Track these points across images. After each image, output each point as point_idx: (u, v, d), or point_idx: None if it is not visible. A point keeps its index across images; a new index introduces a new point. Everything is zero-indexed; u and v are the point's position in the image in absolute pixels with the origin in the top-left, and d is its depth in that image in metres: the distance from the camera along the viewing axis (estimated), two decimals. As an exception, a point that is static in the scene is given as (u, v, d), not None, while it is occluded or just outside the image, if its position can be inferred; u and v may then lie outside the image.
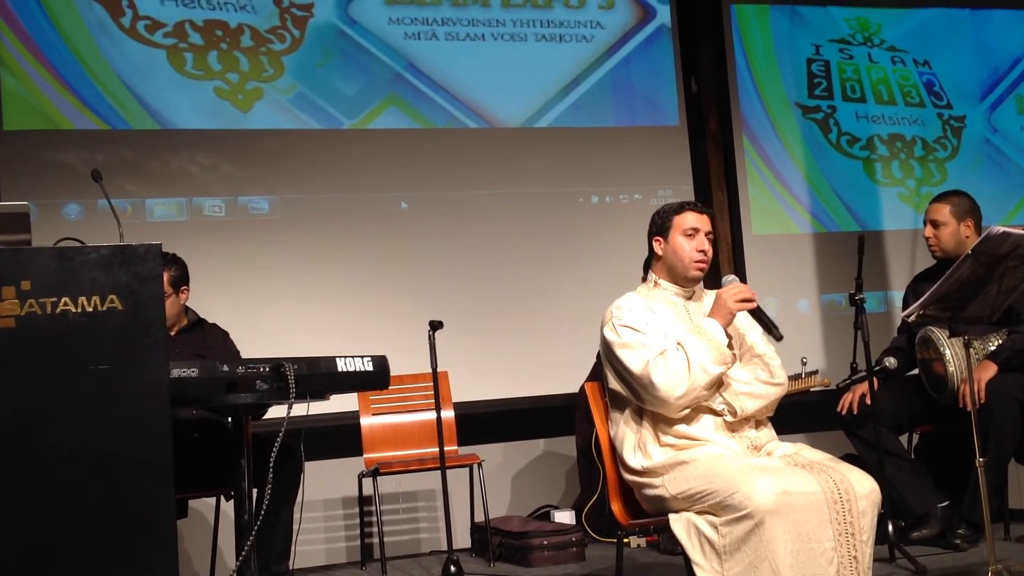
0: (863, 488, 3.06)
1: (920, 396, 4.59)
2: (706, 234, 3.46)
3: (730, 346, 3.31)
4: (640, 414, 3.37)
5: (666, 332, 3.36)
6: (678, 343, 3.28)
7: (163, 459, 2.50)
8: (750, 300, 3.33)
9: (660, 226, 3.50)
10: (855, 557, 3.00)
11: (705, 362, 3.23)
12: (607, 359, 3.44)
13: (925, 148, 6.70)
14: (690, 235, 3.44)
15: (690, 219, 3.46)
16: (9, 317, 2.42)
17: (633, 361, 3.30)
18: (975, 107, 6.84)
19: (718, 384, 3.31)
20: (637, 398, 3.34)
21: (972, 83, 6.87)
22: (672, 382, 3.22)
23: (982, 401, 4.24)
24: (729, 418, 3.32)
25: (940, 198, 4.72)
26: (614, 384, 3.42)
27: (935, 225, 4.65)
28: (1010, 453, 4.44)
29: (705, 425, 3.31)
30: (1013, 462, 4.75)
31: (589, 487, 5.35)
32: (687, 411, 3.29)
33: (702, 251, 3.43)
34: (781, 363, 3.46)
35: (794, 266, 6.30)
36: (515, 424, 5.83)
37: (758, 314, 3.39)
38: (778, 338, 3.37)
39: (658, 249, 3.50)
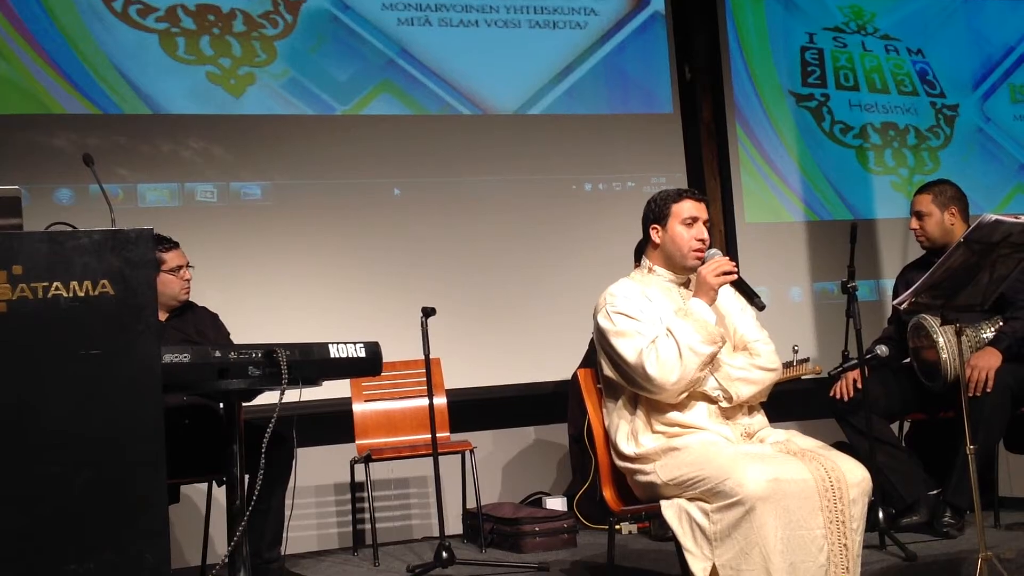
0: (854, 476, 3.07)
1: (912, 384, 4.60)
2: (704, 222, 3.46)
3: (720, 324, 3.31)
4: (634, 402, 3.38)
5: (661, 317, 3.36)
6: (667, 329, 3.28)
7: (155, 445, 2.50)
8: (730, 272, 3.34)
9: (658, 213, 3.48)
10: (845, 545, 3.01)
11: (694, 344, 3.23)
12: (601, 346, 3.43)
13: (918, 137, 6.70)
14: (688, 224, 3.43)
15: (688, 207, 3.44)
16: (0, 301, 2.41)
17: (628, 350, 3.30)
18: (968, 96, 6.84)
19: (712, 364, 3.31)
20: (633, 386, 3.33)
21: (965, 72, 6.87)
22: (665, 370, 3.22)
23: (989, 390, 4.27)
24: (724, 404, 3.33)
25: (923, 188, 4.73)
26: (608, 371, 3.42)
27: (919, 216, 4.66)
28: (997, 440, 4.46)
29: (699, 412, 3.32)
30: (1004, 452, 4.78)
31: (581, 474, 5.36)
32: (684, 395, 3.29)
33: (701, 239, 3.43)
34: (775, 348, 3.46)
35: (787, 254, 6.31)
36: (507, 411, 5.83)
37: (739, 284, 3.41)
38: (760, 307, 3.38)
39: (655, 237, 3.49)
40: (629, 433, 3.35)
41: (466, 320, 5.65)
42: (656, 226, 3.48)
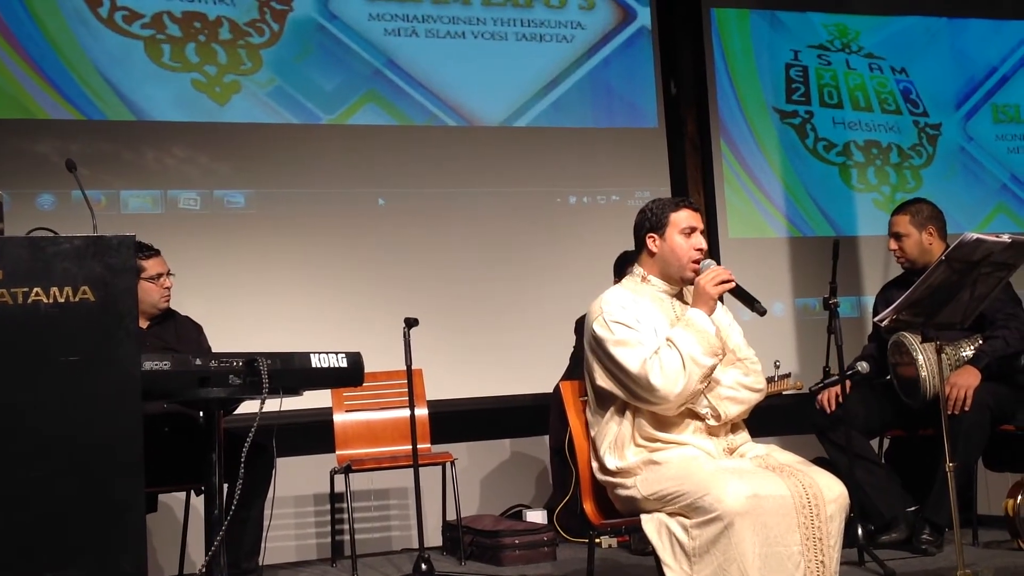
0: (831, 492, 3.07)
1: (891, 401, 4.62)
2: (700, 232, 3.40)
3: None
4: (622, 413, 3.33)
5: (656, 328, 3.31)
6: (668, 339, 3.23)
7: (133, 452, 2.48)
8: (729, 281, 3.29)
9: (655, 223, 3.40)
10: (822, 561, 3.00)
11: (697, 355, 3.18)
12: (596, 356, 3.35)
13: (900, 155, 6.74)
14: (687, 233, 3.37)
15: (686, 217, 3.38)
16: (-21, 307, 2.40)
17: (630, 360, 3.23)
18: (951, 115, 6.89)
19: (710, 377, 3.28)
20: (633, 396, 3.27)
21: (948, 91, 6.92)
22: (670, 381, 3.17)
23: (968, 408, 4.28)
24: (712, 422, 3.30)
25: (900, 209, 4.75)
26: (602, 381, 3.34)
27: (897, 237, 4.68)
28: (976, 458, 4.48)
29: (685, 428, 3.29)
30: (984, 470, 4.80)
31: (561, 487, 5.35)
32: (681, 409, 3.25)
33: (699, 250, 3.37)
34: (761, 367, 3.45)
35: (769, 270, 6.33)
36: (488, 423, 5.82)
37: (739, 292, 3.34)
38: (761, 312, 3.31)
39: (652, 246, 3.41)
40: (615, 445, 3.32)
41: (448, 331, 5.64)
42: (653, 235, 3.40)
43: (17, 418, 2.41)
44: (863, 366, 4.65)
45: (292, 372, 3.13)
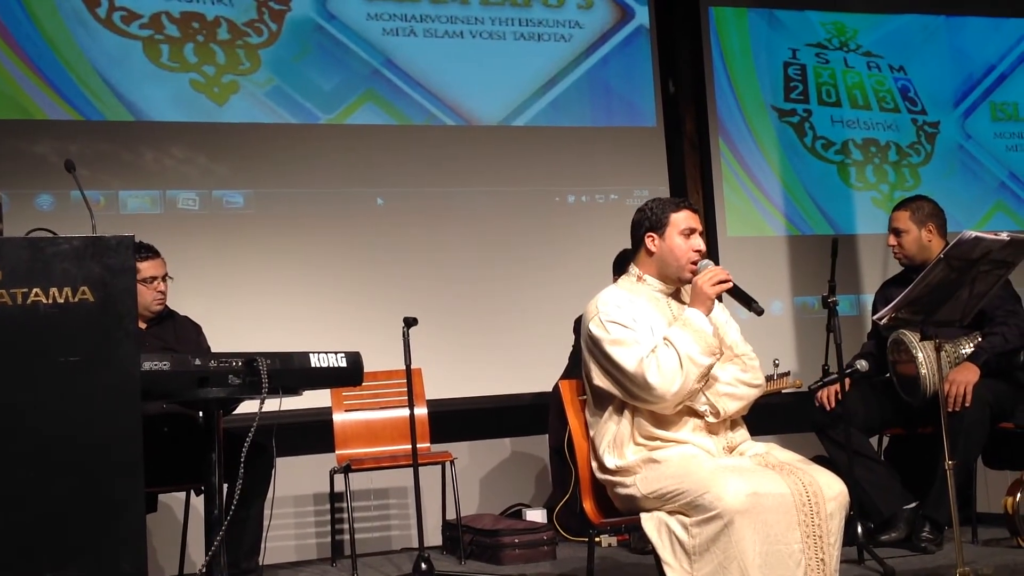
0: (831, 490, 3.07)
1: (891, 398, 4.62)
2: (700, 233, 3.40)
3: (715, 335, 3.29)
4: (621, 412, 3.33)
5: (652, 327, 3.31)
6: (665, 339, 3.23)
7: (133, 452, 2.49)
8: (726, 281, 3.29)
9: (655, 222, 3.39)
10: (822, 559, 3.01)
11: (694, 354, 3.19)
12: (592, 355, 3.36)
13: (899, 153, 6.74)
14: (687, 235, 3.36)
15: (686, 218, 3.38)
16: (-21, 307, 2.40)
17: (626, 359, 3.23)
18: (949, 113, 6.89)
19: (708, 376, 3.28)
20: (629, 396, 3.27)
21: (946, 89, 6.92)
22: (667, 379, 3.17)
23: (968, 405, 4.28)
24: (711, 419, 3.30)
25: (900, 205, 4.76)
26: (599, 381, 3.34)
27: (897, 233, 4.69)
28: (976, 455, 4.49)
29: (684, 426, 3.29)
30: (983, 467, 4.81)
31: (561, 486, 5.35)
32: (678, 408, 3.25)
33: (698, 251, 3.37)
34: (759, 363, 3.45)
35: (768, 268, 6.33)
36: (488, 422, 5.82)
37: (736, 292, 3.34)
38: (759, 312, 3.31)
39: (651, 245, 3.40)
40: (614, 444, 3.32)
41: (448, 331, 5.64)
42: (653, 234, 3.39)
43: (17, 418, 2.41)
44: (862, 364, 4.65)
45: (291, 372, 3.13)
